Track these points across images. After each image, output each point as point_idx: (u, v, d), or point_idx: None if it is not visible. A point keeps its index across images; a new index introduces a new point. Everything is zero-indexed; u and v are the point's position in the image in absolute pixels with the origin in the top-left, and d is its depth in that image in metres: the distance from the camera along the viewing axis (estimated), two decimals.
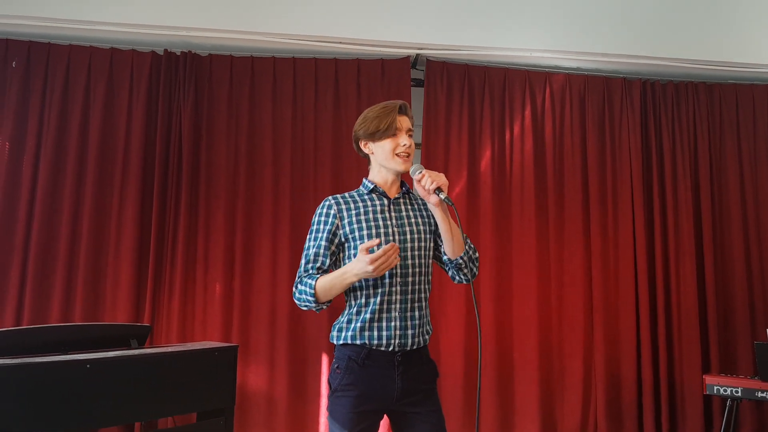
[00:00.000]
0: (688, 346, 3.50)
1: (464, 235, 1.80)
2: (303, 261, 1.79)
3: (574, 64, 3.69)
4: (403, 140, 1.77)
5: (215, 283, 3.24)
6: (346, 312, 1.79)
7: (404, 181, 1.89)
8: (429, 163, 3.50)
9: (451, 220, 1.75)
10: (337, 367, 1.73)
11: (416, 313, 1.75)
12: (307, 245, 1.80)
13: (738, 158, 3.75)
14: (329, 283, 1.70)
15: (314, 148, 3.45)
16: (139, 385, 2.19)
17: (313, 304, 1.73)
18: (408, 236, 1.78)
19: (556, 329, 3.49)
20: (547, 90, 3.68)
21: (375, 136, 1.77)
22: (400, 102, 1.80)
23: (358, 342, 1.71)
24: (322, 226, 1.78)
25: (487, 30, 3.51)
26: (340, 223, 1.78)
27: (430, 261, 1.82)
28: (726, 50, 3.64)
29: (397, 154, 1.77)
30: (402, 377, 1.70)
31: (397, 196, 1.84)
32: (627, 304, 3.52)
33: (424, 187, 1.71)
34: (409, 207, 1.84)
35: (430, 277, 1.82)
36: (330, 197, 1.83)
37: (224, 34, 3.34)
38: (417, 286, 1.76)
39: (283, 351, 3.23)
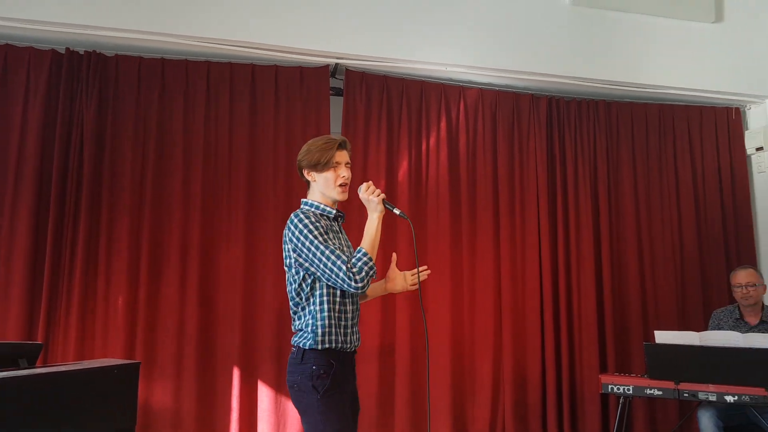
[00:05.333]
0: (587, 347, 3.72)
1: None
2: (335, 258, 1.89)
3: (486, 80, 3.84)
4: (343, 172, 2.03)
5: (118, 296, 3.08)
6: (318, 318, 1.94)
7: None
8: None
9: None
10: (323, 372, 1.91)
11: (357, 320, 2.07)
12: (323, 249, 1.90)
13: (633, 171, 4.04)
14: (367, 238, 1.96)
15: (228, 156, 3.36)
16: (28, 408, 2.04)
17: (373, 266, 1.94)
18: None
19: (468, 333, 3.60)
20: (462, 103, 3.80)
21: (317, 167, 2.01)
22: (340, 138, 2.07)
23: (335, 346, 1.94)
24: (320, 230, 1.94)
25: (405, 43, 3.58)
26: None
27: None
28: (623, 72, 3.92)
29: (338, 185, 2.03)
30: (353, 374, 2.04)
31: (340, 218, 2.11)
32: (533, 308, 3.70)
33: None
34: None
35: None
36: (299, 212, 1.99)
37: (132, 35, 3.19)
38: (357, 297, 2.08)
39: (192, 366, 3.12)
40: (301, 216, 1.95)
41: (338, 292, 1.96)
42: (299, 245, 1.92)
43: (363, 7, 3.54)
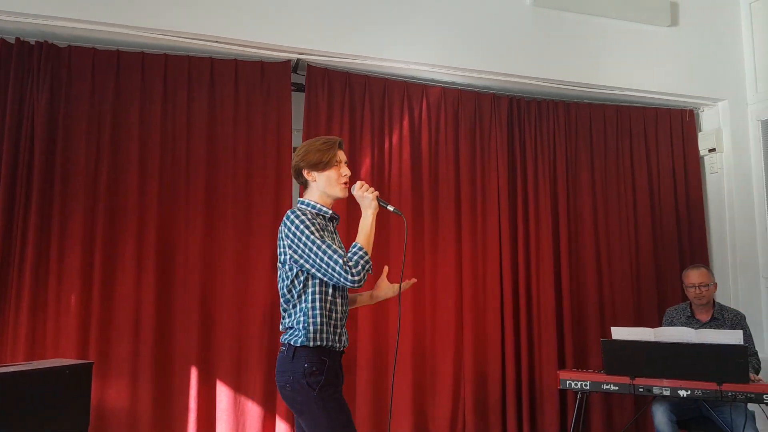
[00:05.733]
0: (546, 344, 3.79)
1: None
2: (331, 253, 1.90)
3: (449, 79, 3.87)
4: (345, 170, 2.09)
5: (70, 294, 2.98)
6: (310, 315, 1.94)
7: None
8: None
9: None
10: (316, 369, 1.91)
11: (346, 320, 2.08)
12: (320, 245, 1.91)
13: (590, 171, 4.13)
14: (362, 234, 2.00)
15: (186, 151, 3.30)
16: None
17: (369, 260, 1.97)
18: None
19: (429, 330, 3.62)
20: (424, 102, 3.82)
21: (319, 166, 2.05)
22: (339, 138, 2.13)
23: (326, 344, 1.95)
24: (316, 227, 1.95)
25: (368, 39, 3.57)
26: None
27: None
28: (581, 73, 4.00)
29: (342, 183, 2.08)
30: (342, 373, 2.06)
31: (335, 220, 2.14)
32: (493, 306, 3.74)
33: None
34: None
35: None
36: (295, 209, 2.01)
37: (86, 25, 3.09)
38: (347, 298, 2.11)
39: (148, 365, 3.05)
40: (297, 212, 1.98)
41: (330, 290, 1.98)
42: (296, 240, 1.93)
43: (326, 2, 3.52)
